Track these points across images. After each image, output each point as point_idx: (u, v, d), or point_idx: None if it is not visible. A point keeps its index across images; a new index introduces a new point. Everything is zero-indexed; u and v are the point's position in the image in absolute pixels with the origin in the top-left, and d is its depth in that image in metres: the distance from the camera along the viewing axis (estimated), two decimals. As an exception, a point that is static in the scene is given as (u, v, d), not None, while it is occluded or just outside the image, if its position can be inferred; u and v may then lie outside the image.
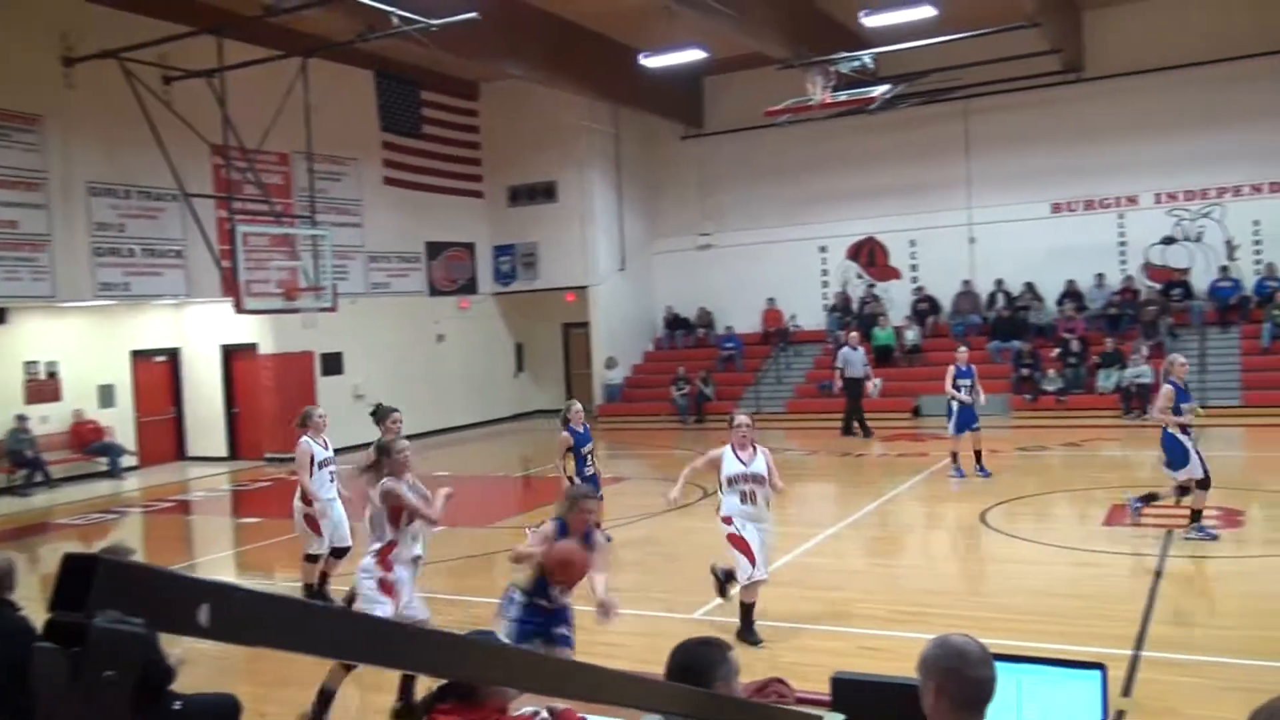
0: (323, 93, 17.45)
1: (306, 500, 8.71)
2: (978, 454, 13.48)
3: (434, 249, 23.05)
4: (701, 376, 22.21)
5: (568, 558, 5.14)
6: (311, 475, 8.68)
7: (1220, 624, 7.54)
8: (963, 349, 14.31)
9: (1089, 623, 7.27)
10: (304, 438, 8.84)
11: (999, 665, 2.87)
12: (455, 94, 23.29)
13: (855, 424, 18.69)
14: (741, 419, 7.59)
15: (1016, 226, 21.48)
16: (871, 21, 16.75)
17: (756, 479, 7.32)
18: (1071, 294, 20.79)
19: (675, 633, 3.82)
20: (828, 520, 11.62)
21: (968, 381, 13.37)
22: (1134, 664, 6.37)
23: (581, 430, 10.14)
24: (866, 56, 18.07)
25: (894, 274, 23.15)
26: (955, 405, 13.33)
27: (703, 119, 24.29)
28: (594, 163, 23.69)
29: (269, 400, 19.38)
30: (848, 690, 3.15)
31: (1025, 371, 19.69)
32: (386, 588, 6.14)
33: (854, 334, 19.48)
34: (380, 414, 8.54)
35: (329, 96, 18.06)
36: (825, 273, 23.77)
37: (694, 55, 18.17)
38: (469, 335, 23.79)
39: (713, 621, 7.72)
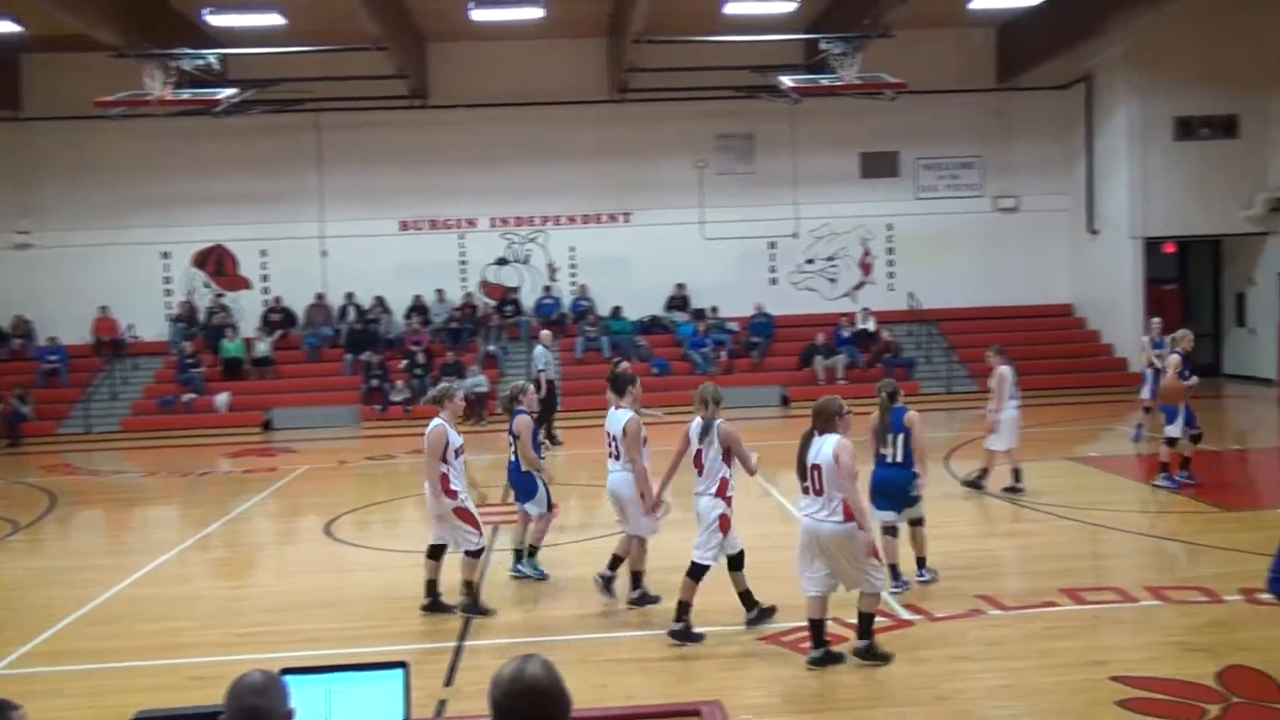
0: None
1: (450, 493, 7.67)
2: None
3: None
4: (18, 393, 19.51)
5: None
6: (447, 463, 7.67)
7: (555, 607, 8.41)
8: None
9: (423, 622, 7.67)
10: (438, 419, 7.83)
11: (307, 680, 2.92)
12: None
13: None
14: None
15: (367, 241, 22.13)
16: (216, 20, 16.17)
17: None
18: (418, 308, 21.92)
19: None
20: (165, 545, 10.85)
21: None
22: (457, 655, 6.86)
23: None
24: (211, 56, 17.33)
25: (244, 284, 22.46)
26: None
27: (20, 101, 21.40)
28: None
29: None
30: (148, 729, 2.97)
31: (375, 383, 20.28)
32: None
33: (545, 331, 17.97)
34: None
35: None
36: (169, 280, 22.28)
37: (2, 26, 15.93)
38: None
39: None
